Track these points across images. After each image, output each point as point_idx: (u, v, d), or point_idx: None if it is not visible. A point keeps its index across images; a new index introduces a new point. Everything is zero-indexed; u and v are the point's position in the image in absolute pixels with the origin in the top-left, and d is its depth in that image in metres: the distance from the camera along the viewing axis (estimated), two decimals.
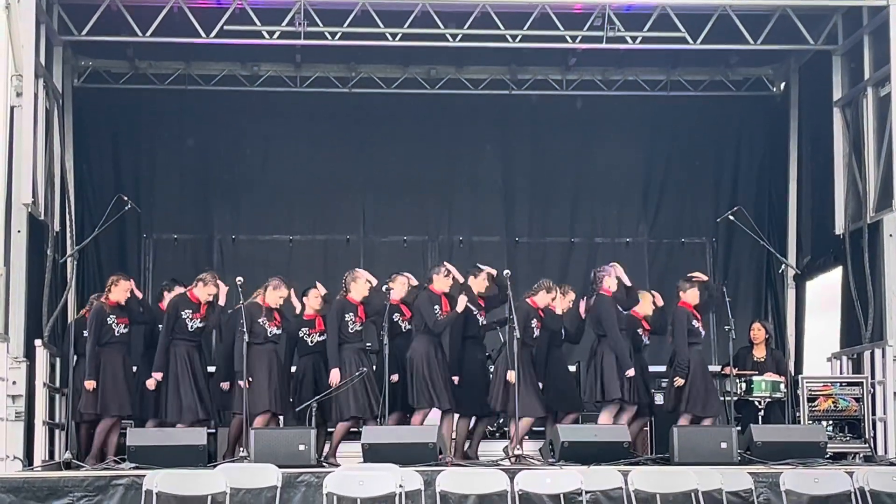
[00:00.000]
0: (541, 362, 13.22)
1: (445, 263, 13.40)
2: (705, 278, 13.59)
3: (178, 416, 12.68)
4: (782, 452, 12.03)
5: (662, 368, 13.91)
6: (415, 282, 13.37)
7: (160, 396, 12.86)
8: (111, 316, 12.92)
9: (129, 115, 16.96)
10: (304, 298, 13.26)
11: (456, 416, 13.04)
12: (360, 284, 12.98)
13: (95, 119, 16.77)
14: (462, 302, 12.85)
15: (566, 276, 17.10)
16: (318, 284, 13.35)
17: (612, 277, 13.25)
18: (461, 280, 13.11)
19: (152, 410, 12.99)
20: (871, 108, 14.53)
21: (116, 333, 12.91)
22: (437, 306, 12.88)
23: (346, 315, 12.89)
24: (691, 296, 13.30)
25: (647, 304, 13.61)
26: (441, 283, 13.04)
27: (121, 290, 13.01)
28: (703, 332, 13.33)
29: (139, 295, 13.33)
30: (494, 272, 13.15)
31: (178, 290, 13.36)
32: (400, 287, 13.19)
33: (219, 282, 13.04)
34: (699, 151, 17.60)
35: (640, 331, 13.58)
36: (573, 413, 13.40)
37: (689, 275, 13.59)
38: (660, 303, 13.67)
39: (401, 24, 14.54)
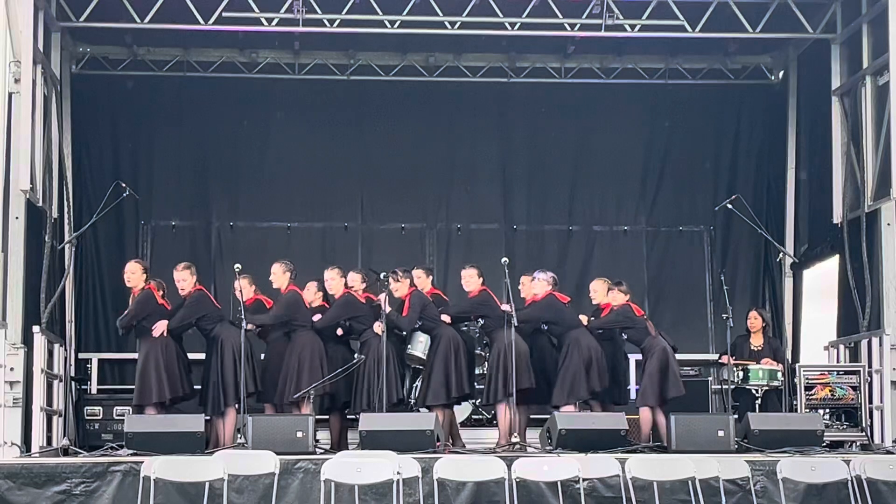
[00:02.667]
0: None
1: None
2: None
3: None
4: (779, 440, 12.04)
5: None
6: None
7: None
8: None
9: (127, 102, 16.94)
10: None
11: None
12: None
13: (94, 106, 16.75)
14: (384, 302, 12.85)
15: (564, 264, 17.15)
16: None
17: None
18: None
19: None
20: (869, 97, 14.53)
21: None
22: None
23: None
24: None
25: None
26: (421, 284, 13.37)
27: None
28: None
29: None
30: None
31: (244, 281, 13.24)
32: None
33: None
34: (697, 140, 17.59)
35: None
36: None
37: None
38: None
39: (399, 12, 14.53)
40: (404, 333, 13.21)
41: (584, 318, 13.44)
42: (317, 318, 13.04)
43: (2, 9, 12.75)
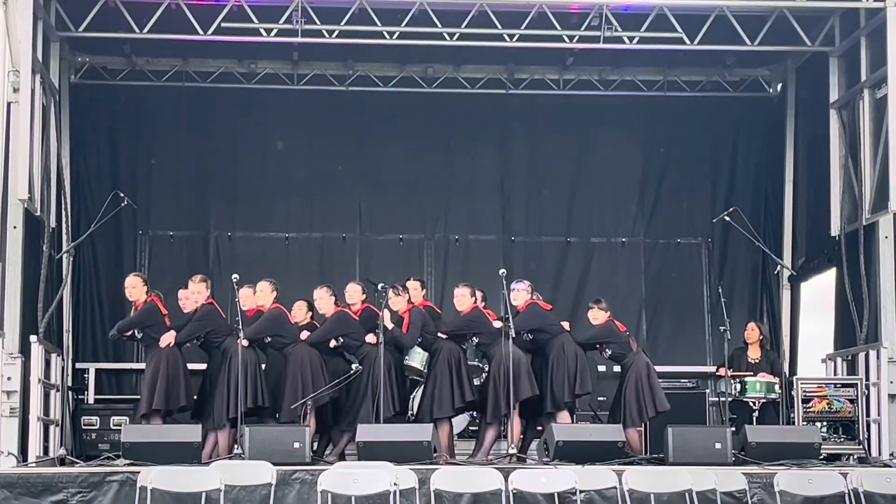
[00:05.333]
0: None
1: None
2: None
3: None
4: (776, 453, 12.04)
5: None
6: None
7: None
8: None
9: (125, 112, 16.95)
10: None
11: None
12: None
13: (92, 115, 16.76)
14: (385, 318, 12.91)
15: (562, 276, 17.19)
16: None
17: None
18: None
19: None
20: (867, 110, 14.52)
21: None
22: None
23: None
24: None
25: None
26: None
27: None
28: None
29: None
30: None
31: (246, 290, 13.26)
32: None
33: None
34: (696, 152, 17.60)
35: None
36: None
37: None
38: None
39: (398, 23, 14.53)
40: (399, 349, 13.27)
41: (566, 325, 13.45)
42: (304, 335, 13.05)
43: (1, 18, 12.75)
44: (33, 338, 13.01)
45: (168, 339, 12.72)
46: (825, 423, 13.89)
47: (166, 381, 12.62)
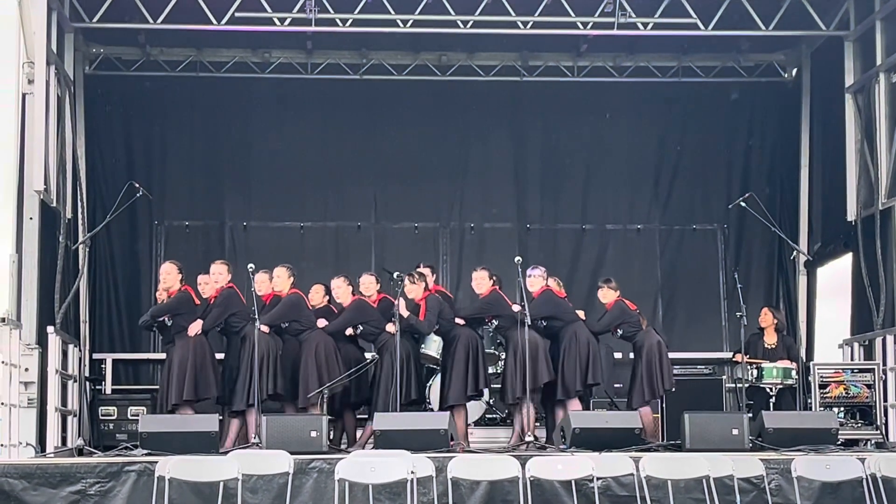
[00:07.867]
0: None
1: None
2: None
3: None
4: (794, 439, 12.03)
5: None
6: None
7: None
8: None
9: (140, 102, 16.96)
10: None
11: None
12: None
13: (107, 106, 16.77)
14: (401, 306, 12.96)
15: (577, 263, 17.17)
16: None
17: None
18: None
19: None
20: (882, 95, 14.50)
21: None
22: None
23: None
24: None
25: None
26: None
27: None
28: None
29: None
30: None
31: (262, 275, 13.27)
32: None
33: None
34: (711, 138, 17.56)
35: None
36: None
37: None
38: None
39: (412, 11, 14.53)
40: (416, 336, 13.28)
41: (581, 314, 13.46)
42: (321, 322, 13.06)
43: (15, 10, 12.79)
44: (50, 329, 13.04)
45: (196, 327, 12.74)
46: (842, 409, 13.87)
47: (195, 371, 12.62)
